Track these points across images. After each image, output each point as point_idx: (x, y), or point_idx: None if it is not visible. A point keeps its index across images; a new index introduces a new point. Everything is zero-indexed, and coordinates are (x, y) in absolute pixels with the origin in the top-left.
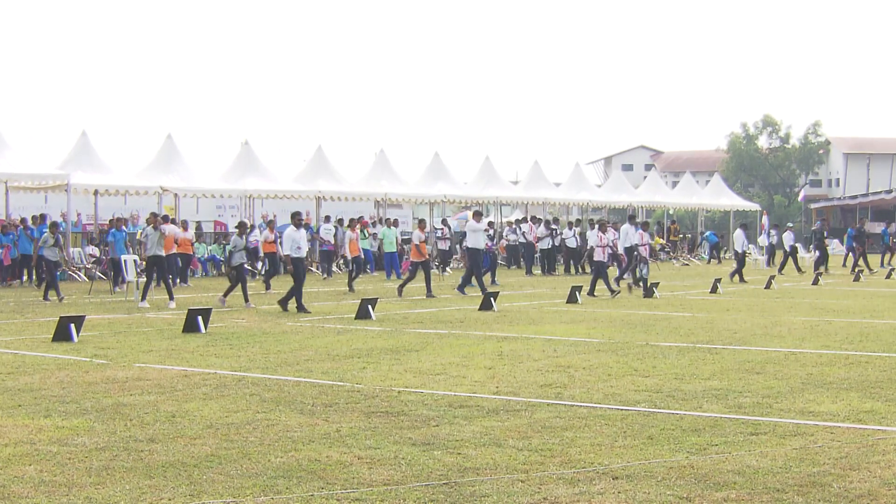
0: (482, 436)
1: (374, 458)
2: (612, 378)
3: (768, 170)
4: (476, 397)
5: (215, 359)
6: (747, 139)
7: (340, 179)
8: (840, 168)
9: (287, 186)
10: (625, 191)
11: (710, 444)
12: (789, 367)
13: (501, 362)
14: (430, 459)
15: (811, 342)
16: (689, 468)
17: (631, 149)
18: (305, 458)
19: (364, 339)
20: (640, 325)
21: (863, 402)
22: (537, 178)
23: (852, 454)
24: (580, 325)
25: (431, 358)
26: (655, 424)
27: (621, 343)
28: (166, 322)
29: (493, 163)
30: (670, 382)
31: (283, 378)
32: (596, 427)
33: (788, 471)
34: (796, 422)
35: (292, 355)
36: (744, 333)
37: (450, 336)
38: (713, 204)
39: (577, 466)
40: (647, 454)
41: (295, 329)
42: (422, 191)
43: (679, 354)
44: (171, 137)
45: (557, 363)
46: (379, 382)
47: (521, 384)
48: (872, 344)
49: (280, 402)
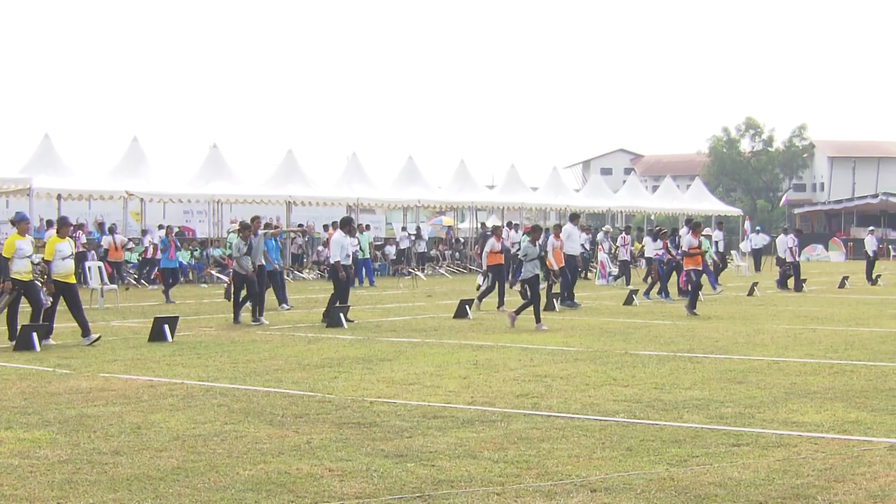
0: (456, 447)
1: (346, 471)
2: (590, 388)
3: (751, 174)
4: (450, 408)
5: (182, 368)
6: (729, 142)
7: (311, 184)
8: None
9: (256, 191)
10: (604, 195)
11: (691, 455)
12: (772, 377)
13: (476, 372)
14: (403, 472)
15: (794, 351)
16: (670, 480)
17: (610, 152)
18: (275, 470)
19: (336, 348)
20: (619, 334)
21: (848, 413)
22: (514, 183)
23: (837, 466)
24: (557, 334)
25: (405, 367)
26: (635, 435)
27: (600, 352)
28: (132, 331)
29: (468, 167)
30: (650, 392)
31: (252, 388)
32: (573, 438)
33: (771, 483)
34: (779, 433)
35: (262, 365)
36: (725, 342)
37: (423, 345)
38: (694, 209)
39: (554, 479)
40: (625, 466)
41: (264, 338)
42: (395, 195)
43: (659, 363)
44: (136, 140)
45: (534, 372)
46: (351, 392)
47: (496, 394)
48: (857, 352)
49: (249, 413)
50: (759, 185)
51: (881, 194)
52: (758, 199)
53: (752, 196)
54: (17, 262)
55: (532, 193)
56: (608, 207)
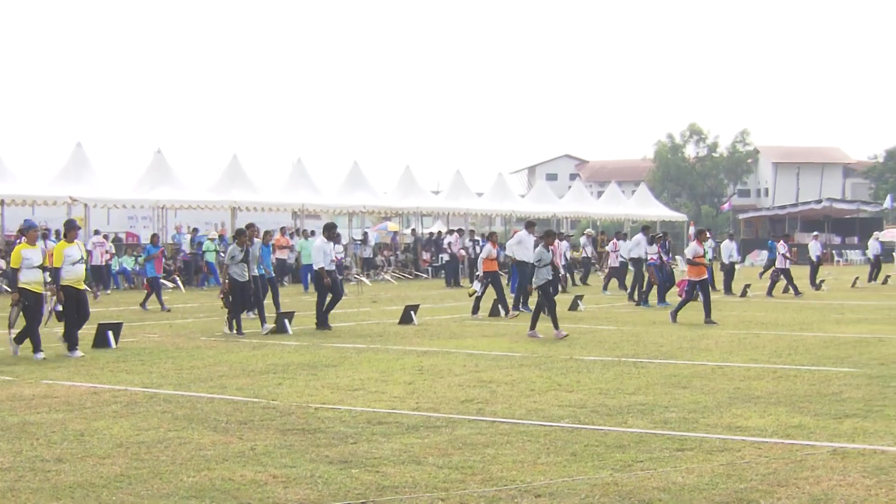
0: (401, 453)
1: (290, 477)
2: (534, 393)
3: (696, 179)
4: (395, 413)
5: (126, 375)
6: (673, 148)
7: (256, 189)
8: (769, 177)
9: (201, 196)
10: (549, 201)
11: (635, 460)
12: (716, 381)
13: (421, 377)
14: (348, 478)
15: (739, 355)
16: (614, 485)
17: (555, 158)
18: (219, 477)
19: (280, 354)
20: (565, 339)
21: (791, 417)
22: (459, 188)
23: (780, 470)
24: (502, 339)
25: (349, 373)
26: (579, 441)
27: (545, 357)
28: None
29: (413, 172)
30: (595, 397)
31: (196, 395)
32: (518, 444)
33: (715, 487)
34: (723, 437)
35: (206, 371)
36: (670, 347)
37: (368, 351)
38: (639, 214)
39: (499, 484)
40: (570, 471)
41: (208, 344)
42: (340, 201)
43: (604, 368)
44: (80, 146)
45: (479, 378)
46: (295, 399)
47: (441, 400)
48: (801, 357)
49: (193, 420)
50: (703, 190)
51: (825, 200)
52: (702, 204)
53: (696, 202)
54: (26, 272)
55: (477, 199)
56: (553, 213)
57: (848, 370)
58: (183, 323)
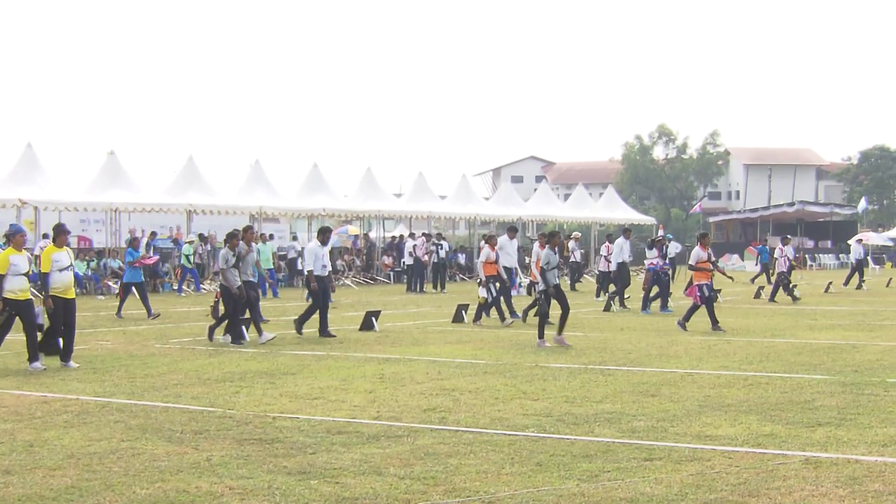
0: (362, 464)
1: (247, 489)
2: (499, 401)
3: (665, 181)
4: (355, 423)
5: (77, 384)
6: (642, 150)
7: (213, 192)
8: (740, 180)
9: (156, 199)
10: (514, 203)
11: (602, 470)
12: (685, 389)
13: (382, 385)
14: (307, 489)
15: (709, 362)
16: (580, 496)
17: (521, 160)
18: (173, 489)
19: (237, 362)
20: (530, 346)
21: (762, 426)
22: (422, 191)
23: (751, 480)
24: (466, 346)
25: (308, 381)
26: (545, 450)
27: (509, 364)
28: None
29: (374, 174)
30: (561, 406)
31: (150, 404)
32: (482, 454)
33: (684, 498)
34: (693, 446)
35: (160, 379)
36: (638, 354)
37: (328, 358)
38: (607, 217)
39: (462, 495)
40: (535, 482)
41: (163, 351)
42: (299, 204)
43: (570, 376)
44: (31, 147)
45: (442, 386)
46: (252, 408)
47: (403, 408)
48: (772, 364)
49: (146, 430)
50: (673, 193)
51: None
52: (672, 207)
53: (666, 204)
54: (12, 279)
55: (440, 202)
56: (519, 216)
57: (821, 377)
58: (136, 330)
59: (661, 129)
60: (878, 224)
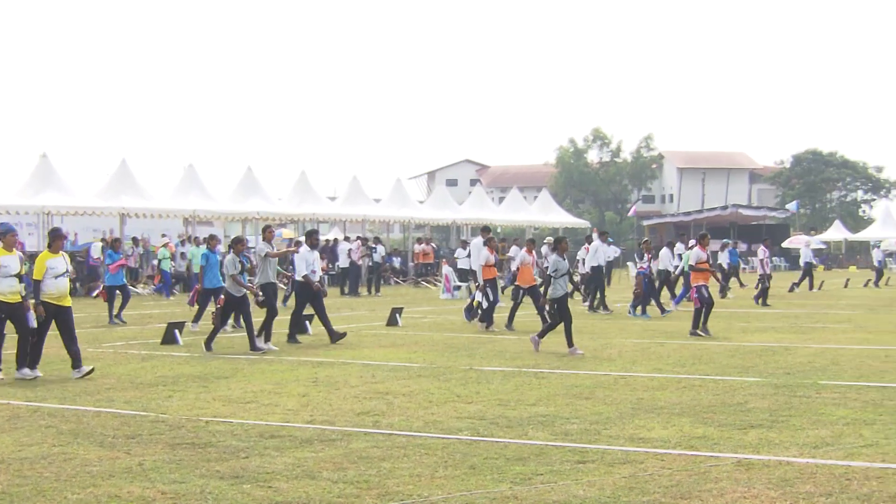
0: (295, 467)
1: (179, 493)
2: (433, 405)
3: (599, 185)
4: (289, 426)
5: (8, 388)
6: (576, 153)
7: (146, 195)
8: (674, 183)
9: (88, 202)
10: (448, 207)
11: (535, 473)
12: (619, 392)
13: (316, 389)
14: (240, 494)
15: (642, 365)
16: (513, 499)
17: (456, 163)
18: (105, 494)
19: (170, 366)
20: (464, 349)
21: (695, 428)
22: (356, 194)
23: (684, 482)
24: (400, 349)
25: (242, 385)
26: (478, 453)
27: (443, 367)
28: None
29: (309, 178)
30: (494, 409)
31: (81, 408)
32: (415, 457)
33: (617, 500)
34: (625, 449)
35: (92, 384)
36: (571, 356)
37: (261, 362)
38: (541, 221)
39: (396, 499)
40: (468, 485)
41: (96, 356)
42: (233, 207)
43: (504, 379)
44: None
45: (375, 389)
46: (185, 412)
47: (336, 412)
48: (706, 367)
49: (78, 435)
50: (607, 196)
51: (731, 206)
52: (606, 210)
53: (600, 208)
54: (2, 281)
55: (375, 205)
56: (453, 219)
57: (753, 380)
58: None
59: (596, 133)
60: (811, 227)
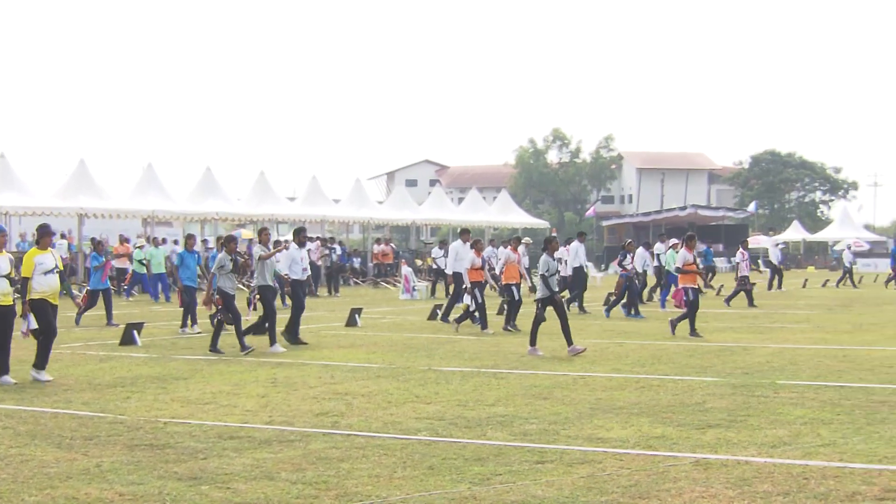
0: (253, 469)
1: (137, 495)
2: (391, 405)
3: (559, 185)
4: (247, 427)
5: None
6: (535, 154)
7: (105, 195)
8: (633, 184)
9: (46, 203)
10: (408, 207)
11: (494, 473)
12: (578, 392)
13: (275, 390)
14: (198, 495)
15: (601, 365)
16: (472, 499)
17: (415, 163)
18: (62, 495)
19: (129, 367)
20: (423, 349)
21: (653, 428)
22: (315, 194)
23: (642, 482)
24: (359, 350)
25: (200, 386)
26: (437, 454)
27: (402, 368)
28: None
29: (268, 178)
30: (453, 409)
31: (39, 409)
32: (374, 457)
33: (576, 500)
34: (584, 449)
35: (50, 385)
36: (531, 357)
37: (220, 362)
38: (501, 221)
39: (354, 499)
40: (427, 485)
41: (53, 357)
42: (192, 207)
43: (463, 379)
44: None
45: (334, 390)
46: (144, 413)
47: (295, 413)
48: (664, 367)
49: (35, 436)
50: (566, 196)
51: (690, 206)
52: (566, 211)
53: (559, 208)
54: None
55: (335, 206)
56: (413, 220)
57: (711, 380)
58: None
59: (555, 134)
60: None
